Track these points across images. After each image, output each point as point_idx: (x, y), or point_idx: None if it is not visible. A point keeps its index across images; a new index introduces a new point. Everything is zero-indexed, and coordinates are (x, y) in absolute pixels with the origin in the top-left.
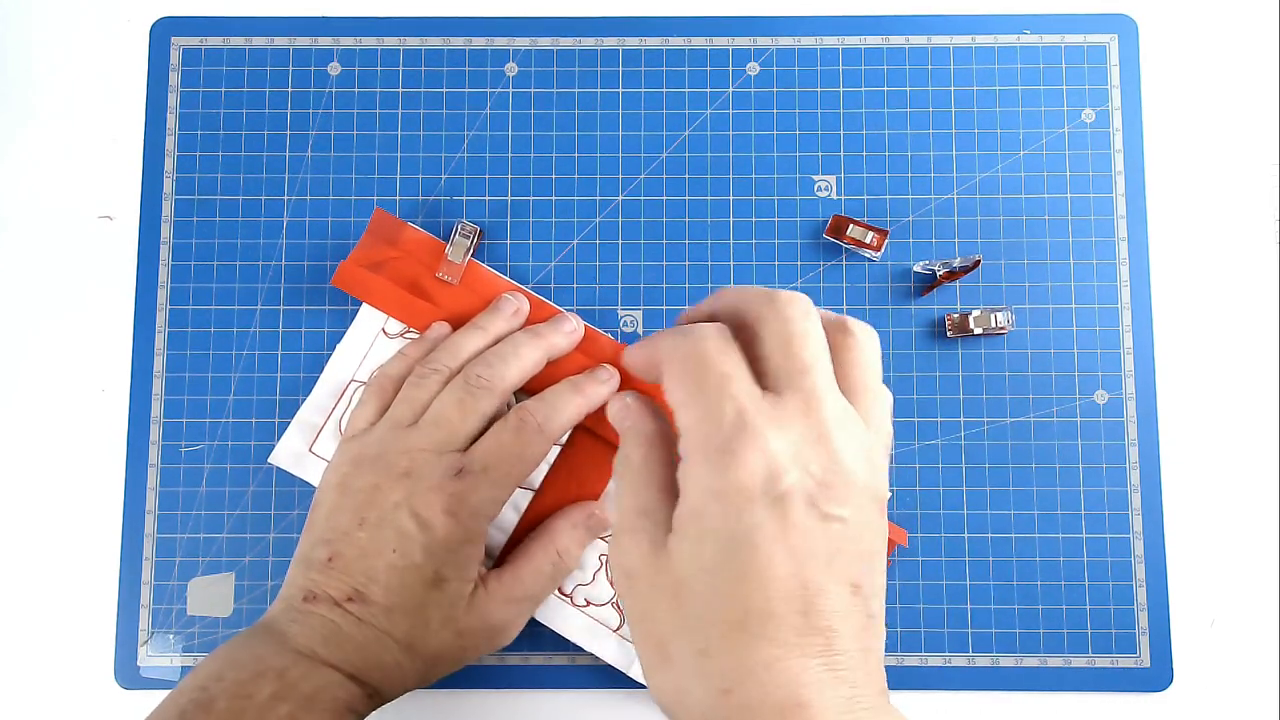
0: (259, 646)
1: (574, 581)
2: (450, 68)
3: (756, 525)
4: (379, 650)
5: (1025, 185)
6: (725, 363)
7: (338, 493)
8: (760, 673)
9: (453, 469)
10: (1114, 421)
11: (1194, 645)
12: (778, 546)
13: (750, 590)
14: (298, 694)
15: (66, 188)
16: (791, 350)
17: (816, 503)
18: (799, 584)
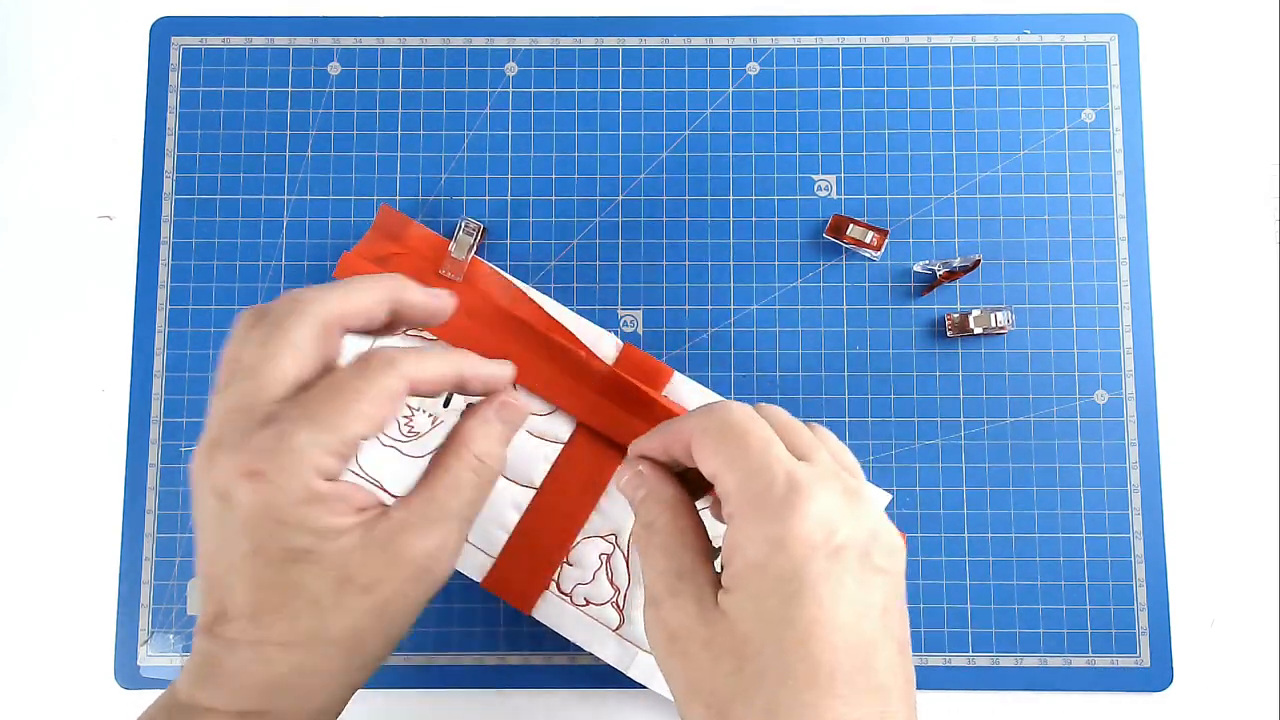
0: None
1: (573, 581)
2: (450, 68)
3: (821, 575)
4: (262, 670)
5: (1025, 185)
6: (764, 429)
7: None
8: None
9: (258, 419)
10: (1114, 421)
11: (1194, 645)
12: (841, 598)
13: (817, 645)
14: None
15: (66, 188)
16: (794, 430)
17: (869, 556)
18: (859, 638)
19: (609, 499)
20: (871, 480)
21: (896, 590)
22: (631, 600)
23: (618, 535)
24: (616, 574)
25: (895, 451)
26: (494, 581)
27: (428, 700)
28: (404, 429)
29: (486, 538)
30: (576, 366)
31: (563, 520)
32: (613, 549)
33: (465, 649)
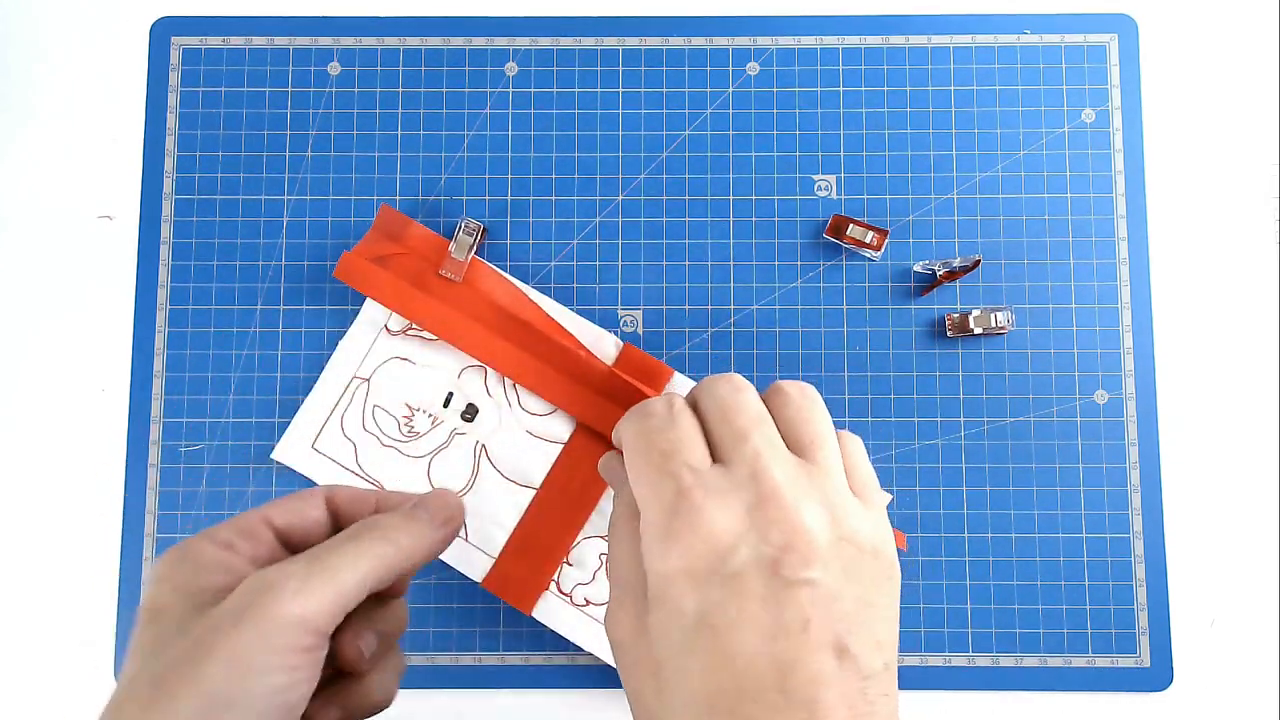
0: None
1: (573, 581)
2: (450, 68)
3: (714, 606)
4: None
5: (1025, 185)
6: (667, 439)
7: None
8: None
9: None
10: (1114, 421)
11: (1194, 645)
12: (741, 626)
13: (719, 674)
14: None
15: (66, 188)
16: (727, 419)
17: (780, 571)
18: (770, 661)
19: (609, 499)
20: None
21: (835, 596)
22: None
23: None
24: None
25: (895, 451)
26: (494, 581)
27: (428, 700)
28: (404, 429)
29: (486, 538)
30: (576, 366)
31: (562, 520)
32: None
33: (465, 649)
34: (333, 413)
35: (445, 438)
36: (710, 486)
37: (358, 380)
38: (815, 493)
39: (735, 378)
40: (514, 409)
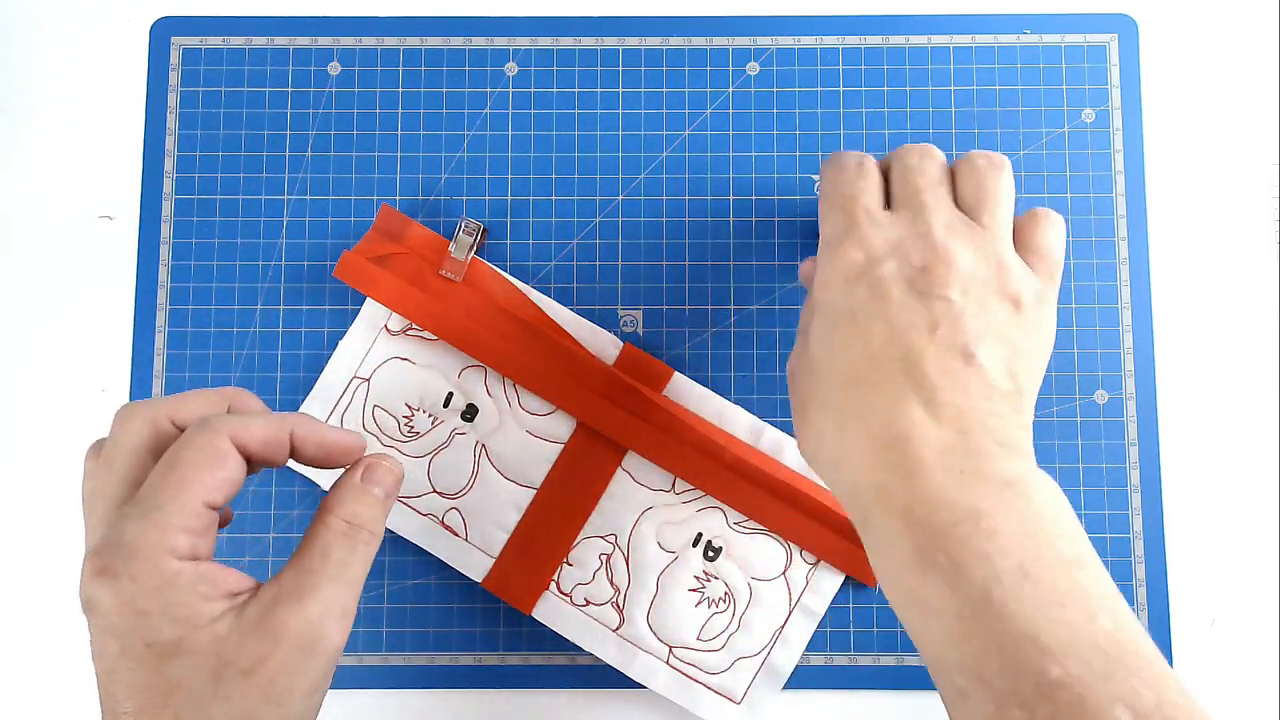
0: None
1: (573, 581)
2: (450, 68)
3: (858, 302)
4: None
5: (1025, 185)
6: (852, 187)
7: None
8: (866, 413)
9: (105, 527)
10: (1114, 421)
11: (1194, 645)
12: (875, 319)
13: (854, 352)
14: None
15: (66, 188)
16: (906, 179)
17: (915, 284)
18: (898, 348)
19: (609, 499)
20: None
21: (971, 314)
22: (631, 600)
23: (617, 535)
24: (616, 574)
25: None
26: (494, 582)
27: (428, 700)
28: (404, 429)
29: (486, 538)
30: (576, 366)
31: (563, 520)
32: (612, 549)
33: (465, 649)
34: (333, 413)
35: (445, 437)
36: (876, 220)
37: (358, 380)
38: (969, 240)
39: (926, 146)
40: (514, 409)
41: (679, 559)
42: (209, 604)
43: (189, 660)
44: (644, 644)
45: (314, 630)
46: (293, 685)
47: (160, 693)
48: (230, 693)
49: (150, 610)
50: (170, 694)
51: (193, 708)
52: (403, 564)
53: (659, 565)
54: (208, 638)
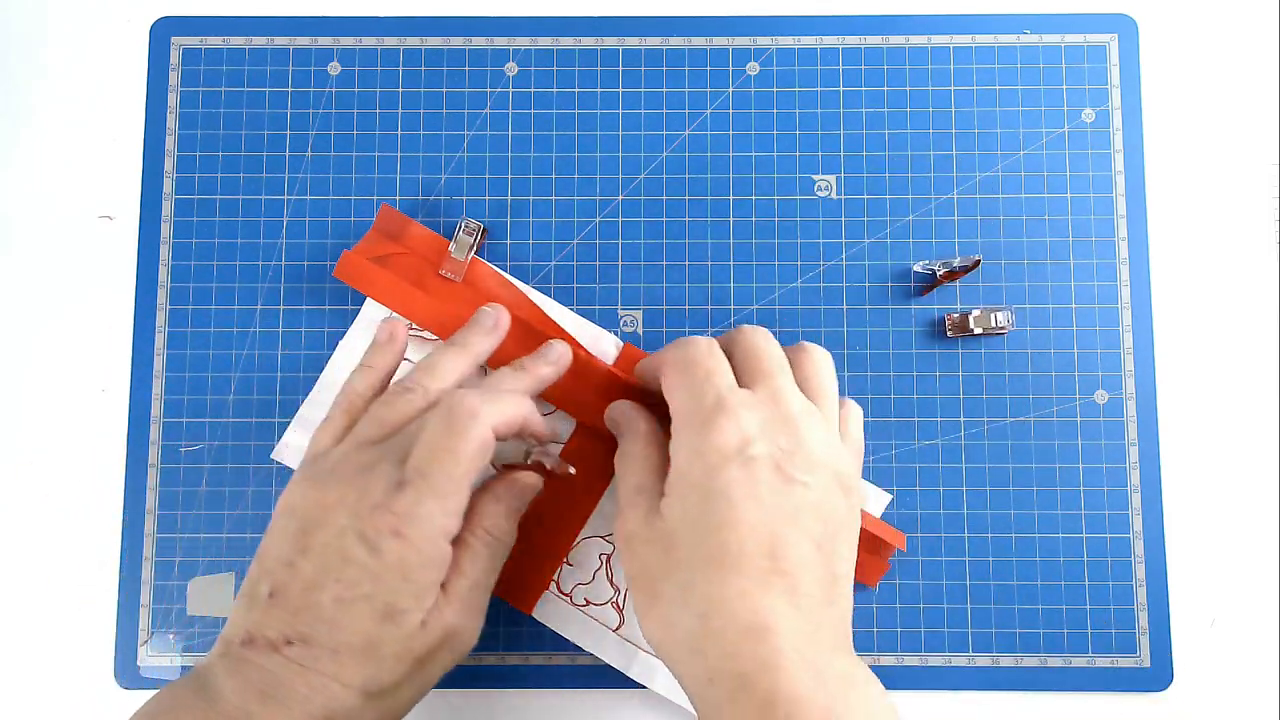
0: (185, 712)
1: (573, 581)
2: (450, 68)
3: (731, 480)
4: (326, 700)
5: (1025, 185)
6: (710, 362)
7: (285, 516)
8: (733, 600)
9: (393, 482)
10: (1114, 421)
11: (1194, 645)
12: (749, 500)
13: (726, 534)
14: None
15: (66, 188)
16: (756, 358)
17: (782, 468)
18: (767, 532)
19: (609, 499)
20: (871, 480)
21: (819, 502)
22: (631, 600)
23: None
24: (616, 574)
25: (895, 451)
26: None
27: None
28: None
29: None
30: (576, 366)
31: (563, 521)
32: (613, 549)
33: None
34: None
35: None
36: (741, 398)
37: None
38: (818, 428)
39: (762, 330)
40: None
41: None
42: (433, 598)
43: (399, 631)
44: (644, 645)
45: (461, 638)
46: (432, 673)
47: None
48: (403, 666)
49: (412, 579)
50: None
51: (379, 666)
52: None
53: None
54: (410, 623)
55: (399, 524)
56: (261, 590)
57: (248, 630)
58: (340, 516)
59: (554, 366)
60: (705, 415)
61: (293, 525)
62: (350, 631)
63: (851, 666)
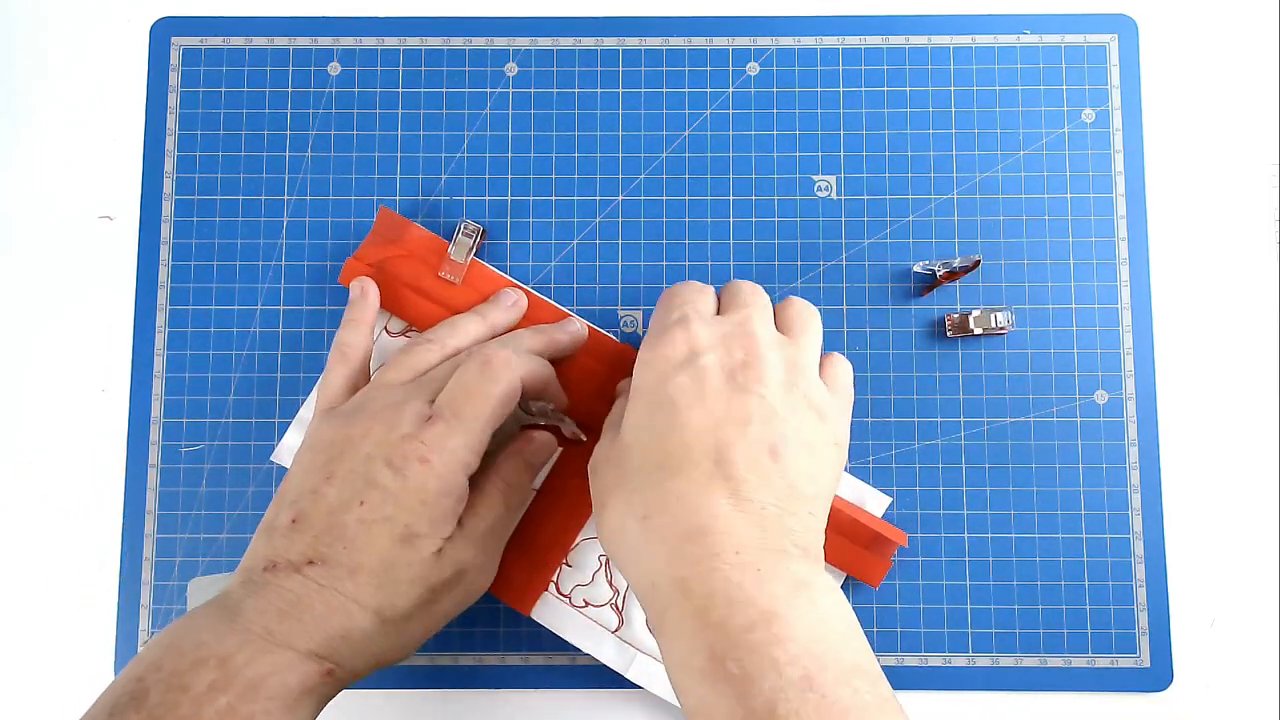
0: (205, 630)
1: (572, 582)
2: (450, 68)
3: (678, 387)
4: (343, 619)
5: (1025, 185)
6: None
7: (310, 451)
8: (673, 503)
9: (422, 416)
10: (1114, 421)
11: (1194, 645)
12: (695, 405)
13: (671, 439)
14: (240, 681)
15: (66, 188)
16: (737, 296)
17: (735, 377)
18: (713, 438)
19: None
20: (871, 481)
21: (778, 415)
22: (630, 602)
23: None
24: (615, 576)
25: (895, 451)
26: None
27: (428, 700)
28: None
29: None
30: (575, 368)
31: (562, 522)
32: None
33: (465, 649)
34: None
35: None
36: (705, 318)
37: None
38: (785, 349)
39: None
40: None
41: None
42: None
43: (416, 555)
44: (643, 646)
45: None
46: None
47: (388, 566)
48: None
49: (431, 506)
50: (392, 571)
51: (396, 589)
52: None
53: None
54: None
55: (426, 451)
56: (283, 519)
57: (268, 557)
58: (367, 445)
59: (570, 337)
60: (662, 329)
61: (319, 458)
62: (369, 552)
63: (806, 572)
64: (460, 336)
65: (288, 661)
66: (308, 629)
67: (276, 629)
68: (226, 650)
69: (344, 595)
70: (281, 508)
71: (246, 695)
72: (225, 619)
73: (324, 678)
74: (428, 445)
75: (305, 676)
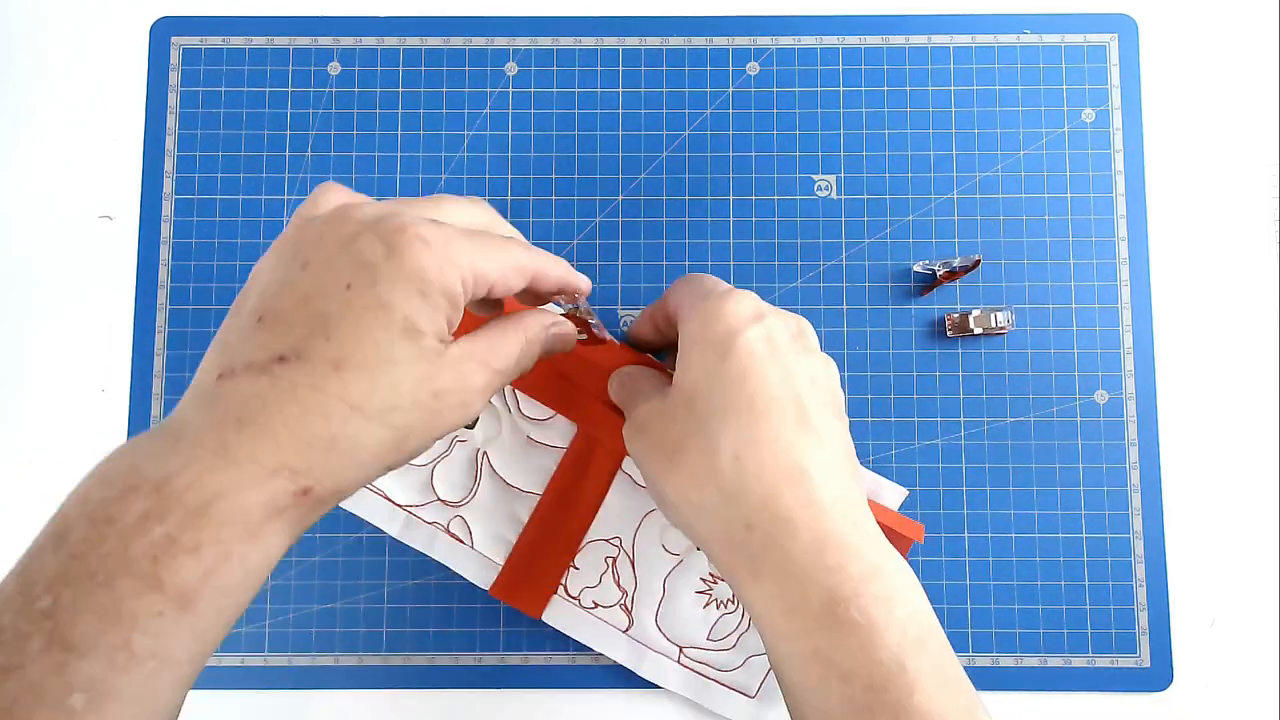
0: (141, 454)
1: (580, 585)
2: (450, 68)
3: (752, 338)
4: (322, 422)
5: (1025, 185)
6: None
7: (274, 252)
8: (766, 442)
9: (427, 217)
10: (1114, 421)
11: (1194, 645)
12: (770, 360)
13: (753, 384)
14: (180, 509)
15: (66, 188)
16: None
17: (799, 339)
18: (791, 390)
19: (611, 503)
20: None
21: (833, 381)
22: (639, 602)
23: (621, 539)
24: (622, 577)
25: (895, 451)
26: (501, 589)
27: (428, 700)
28: None
29: (492, 545)
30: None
31: (567, 525)
32: (617, 552)
33: (465, 649)
34: None
35: (446, 445)
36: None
37: None
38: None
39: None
40: (513, 415)
41: (684, 562)
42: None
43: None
44: (654, 645)
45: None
46: (437, 427)
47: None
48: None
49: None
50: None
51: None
52: (403, 564)
53: (665, 568)
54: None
55: (427, 234)
56: (244, 320)
57: (224, 364)
58: (352, 225)
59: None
60: (719, 294)
61: (288, 249)
62: (360, 343)
63: (877, 533)
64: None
65: (248, 477)
66: (276, 437)
67: (233, 441)
68: (165, 472)
69: (327, 393)
70: (241, 312)
71: (189, 522)
72: (167, 440)
73: (297, 497)
74: (428, 231)
75: (272, 496)
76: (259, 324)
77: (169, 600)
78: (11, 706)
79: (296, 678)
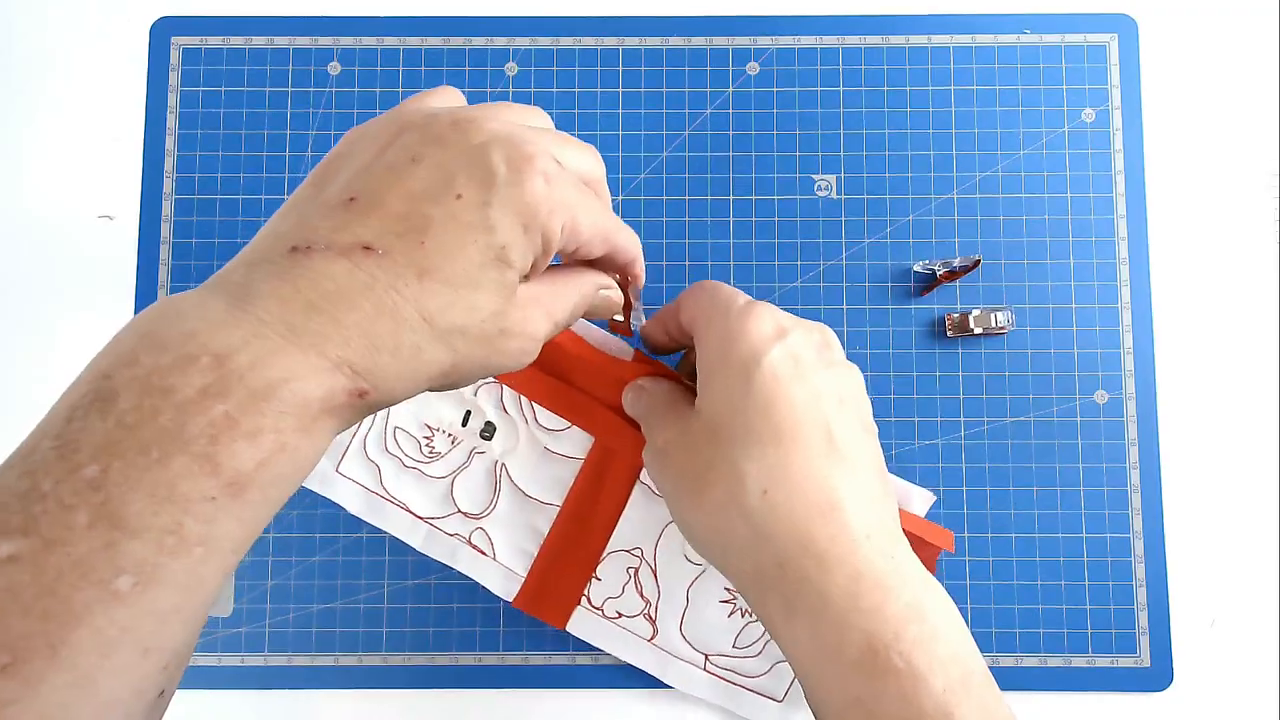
0: (195, 316)
1: (603, 595)
2: (450, 68)
3: (775, 359)
4: (392, 326)
5: (1025, 185)
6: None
7: (373, 136)
8: (796, 475)
9: (553, 153)
10: (1114, 421)
11: (1194, 645)
12: (796, 381)
13: (779, 410)
14: (242, 389)
15: (66, 188)
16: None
17: (821, 354)
18: (818, 412)
19: (630, 514)
20: None
21: (857, 386)
22: (662, 611)
23: (643, 549)
24: (645, 587)
25: (895, 452)
26: (525, 600)
27: (428, 700)
28: (425, 450)
29: (513, 557)
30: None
31: (587, 538)
32: (639, 562)
33: (465, 649)
34: (354, 436)
35: (465, 457)
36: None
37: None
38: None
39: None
40: (530, 426)
41: (707, 571)
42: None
43: (499, 278)
44: (679, 653)
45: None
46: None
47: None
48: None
49: (534, 228)
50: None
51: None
52: (403, 564)
53: (688, 577)
54: (511, 280)
55: (551, 172)
56: (332, 194)
57: (301, 238)
58: (486, 133)
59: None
60: (738, 310)
61: (397, 138)
62: (452, 257)
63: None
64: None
65: (311, 368)
66: (345, 331)
67: (300, 324)
68: (228, 345)
69: (404, 297)
70: (328, 183)
71: (251, 405)
72: (229, 303)
73: (352, 397)
74: (553, 169)
75: (330, 390)
76: (349, 204)
77: (222, 485)
78: (54, 585)
79: (296, 678)
